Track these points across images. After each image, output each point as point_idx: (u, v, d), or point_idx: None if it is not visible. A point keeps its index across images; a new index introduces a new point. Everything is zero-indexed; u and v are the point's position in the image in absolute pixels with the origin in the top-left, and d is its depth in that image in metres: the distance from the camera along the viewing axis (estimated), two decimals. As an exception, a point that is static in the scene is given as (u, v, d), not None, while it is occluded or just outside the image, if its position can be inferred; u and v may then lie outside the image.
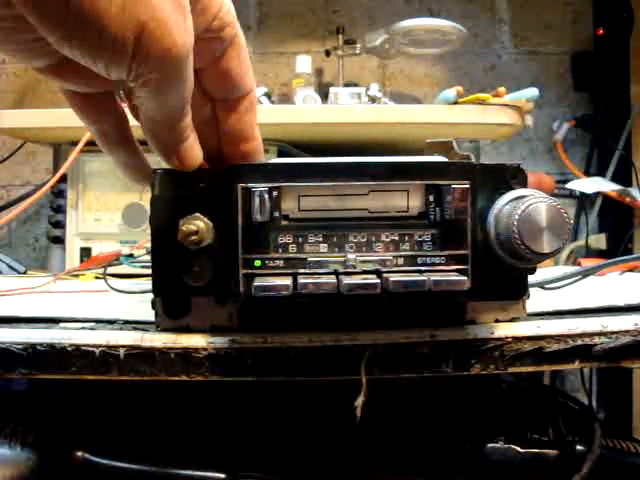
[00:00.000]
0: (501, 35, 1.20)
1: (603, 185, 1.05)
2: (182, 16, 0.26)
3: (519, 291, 0.35)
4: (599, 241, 1.09)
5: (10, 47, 0.27)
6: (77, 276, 0.69)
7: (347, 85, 1.11)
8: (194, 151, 0.32)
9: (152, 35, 0.25)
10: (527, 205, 0.31)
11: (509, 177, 0.34)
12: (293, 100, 1.01)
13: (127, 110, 0.35)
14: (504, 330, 0.35)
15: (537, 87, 0.84)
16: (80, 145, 0.70)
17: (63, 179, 0.82)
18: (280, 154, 0.85)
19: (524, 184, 0.34)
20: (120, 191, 0.83)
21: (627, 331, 0.35)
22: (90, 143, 0.72)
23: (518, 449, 0.51)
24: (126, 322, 0.38)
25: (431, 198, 0.33)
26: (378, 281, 0.31)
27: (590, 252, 1.07)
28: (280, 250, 0.33)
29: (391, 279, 0.31)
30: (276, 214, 0.33)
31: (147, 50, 0.25)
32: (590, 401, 0.93)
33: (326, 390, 0.52)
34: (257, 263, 0.33)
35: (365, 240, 0.33)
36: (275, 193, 0.32)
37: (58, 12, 0.23)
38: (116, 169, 0.37)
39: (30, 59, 0.28)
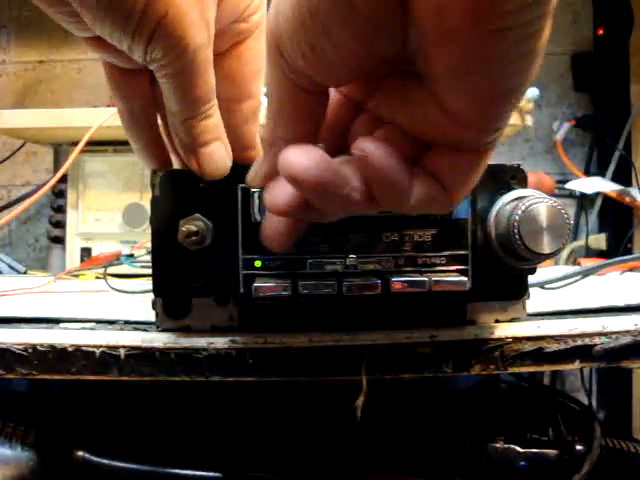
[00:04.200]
0: (501, 35, 1.20)
1: (603, 185, 1.05)
2: (199, 11, 0.28)
3: (519, 291, 0.35)
4: (599, 241, 1.09)
5: (56, 17, 0.29)
6: (77, 276, 0.69)
7: (347, 85, 1.11)
8: (216, 159, 0.32)
9: (168, 25, 0.27)
10: (527, 205, 0.31)
11: (509, 177, 0.34)
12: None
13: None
14: (504, 330, 0.35)
15: (537, 87, 0.84)
16: (80, 145, 0.70)
17: (63, 179, 0.82)
18: (280, 154, 0.85)
19: (524, 184, 0.34)
20: (120, 191, 0.83)
21: (627, 331, 0.35)
22: (90, 143, 0.72)
23: (518, 449, 0.51)
24: (126, 322, 0.38)
25: (431, 198, 0.33)
26: (378, 282, 0.31)
27: (590, 252, 1.07)
28: (280, 250, 0.33)
29: (391, 280, 0.31)
30: (276, 214, 0.33)
31: (161, 38, 0.28)
32: (590, 401, 0.93)
33: (326, 390, 0.52)
34: (257, 264, 0.33)
35: (365, 241, 0.33)
36: (275, 193, 0.32)
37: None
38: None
39: (74, 30, 0.30)
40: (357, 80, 0.26)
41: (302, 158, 0.22)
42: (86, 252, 0.84)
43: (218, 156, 0.32)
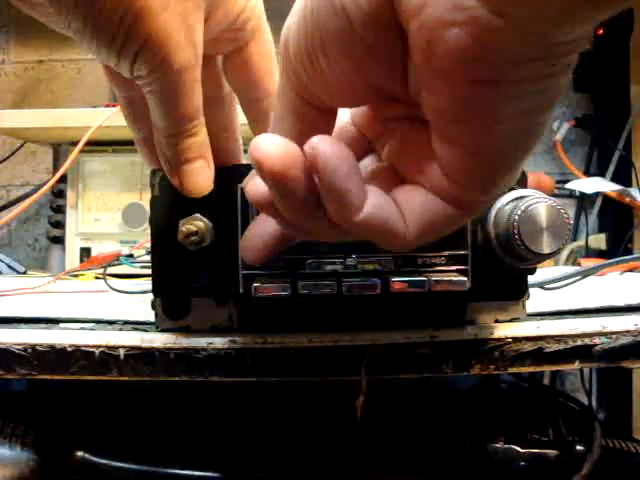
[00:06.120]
0: (501, 35, 1.20)
1: (603, 185, 1.05)
2: (184, 32, 0.29)
3: (519, 291, 0.35)
4: (599, 241, 1.09)
5: (45, 20, 0.30)
6: (77, 276, 0.69)
7: (347, 85, 1.11)
8: (198, 178, 0.32)
9: (152, 46, 0.28)
10: (527, 205, 0.31)
11: (509, 177, 0.34)
12: (293, 100, 1.01)
13: None
14: (504, 330, 0.35)
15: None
16: (80, 145, 0.70)
17: (63, 179, 0.82)
18: (280, 154, 0.85)
19: (524, 184, 0.34)
20: (120, 191, 0.83)
21: (627, 331, 0.35)
22: (90, 143, 0.72)
23: (518, 449, 0.51)
24: (126, 322, 0.38)
25: (431, 198, 0.33)
26: (378, 282, 0.31)
27: (590, 252, 1.07)
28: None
29: (391, 280, 0.31)
30: (276, 214, 0.33)
31: (146, 58, 0.28)
32: (590, 401, 0.92)
33: (326, 390, 0.52)
34: (257, 263, 0.33)
35: (365, 241, 0.33)
36: (275, 193, 0.32)
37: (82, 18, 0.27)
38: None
39: (64, 31, 0.30)
40: (366, 115, 0.26)
41: (270, 142, 0.21)
42: (86, 252, 0.84)
43: (200, 175, 0.32)
